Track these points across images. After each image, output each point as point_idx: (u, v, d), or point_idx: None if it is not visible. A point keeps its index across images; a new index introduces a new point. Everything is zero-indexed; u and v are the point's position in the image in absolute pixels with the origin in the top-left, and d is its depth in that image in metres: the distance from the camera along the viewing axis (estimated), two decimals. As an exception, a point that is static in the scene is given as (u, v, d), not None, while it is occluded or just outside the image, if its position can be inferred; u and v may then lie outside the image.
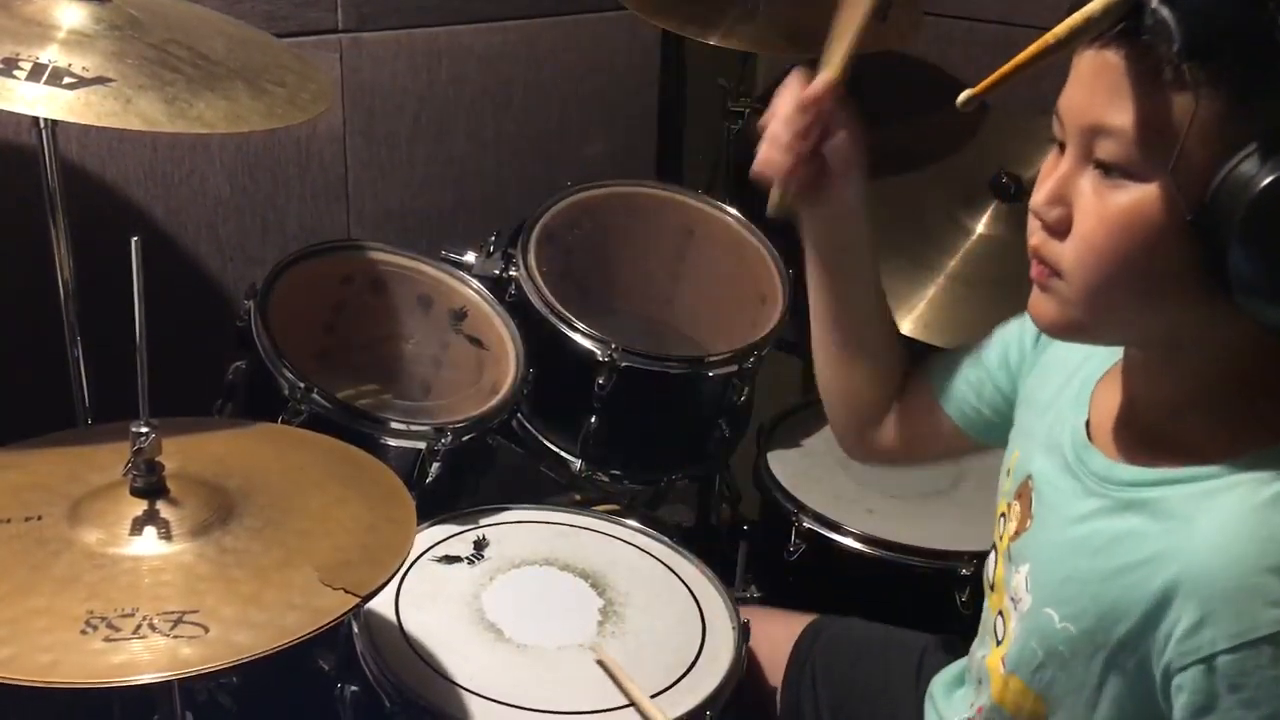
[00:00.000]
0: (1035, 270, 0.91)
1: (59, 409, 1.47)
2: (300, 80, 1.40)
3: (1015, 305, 1.68)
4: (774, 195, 1.17)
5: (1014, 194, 1.81)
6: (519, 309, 1.76)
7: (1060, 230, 0.88)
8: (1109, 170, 0.84)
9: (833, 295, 1.23)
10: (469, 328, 1.78)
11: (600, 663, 1.31)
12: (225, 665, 0.96)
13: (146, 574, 1.04)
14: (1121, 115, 0.81)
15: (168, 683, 1.14)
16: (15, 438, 1.24)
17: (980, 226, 1.87)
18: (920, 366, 1.27)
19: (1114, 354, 1.01)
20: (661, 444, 1.87)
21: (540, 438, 1.82)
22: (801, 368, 2.49)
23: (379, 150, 2.02)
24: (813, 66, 0.98)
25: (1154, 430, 0.93)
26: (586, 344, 1.71)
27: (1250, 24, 0.75)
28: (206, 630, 0.98)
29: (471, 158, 2.13)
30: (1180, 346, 0.90)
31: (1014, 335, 1.17)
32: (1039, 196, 0.89)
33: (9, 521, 1.09)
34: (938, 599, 1.58)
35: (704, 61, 2.35)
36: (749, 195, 2.08)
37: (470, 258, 1.80)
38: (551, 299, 1.74)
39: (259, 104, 1.31)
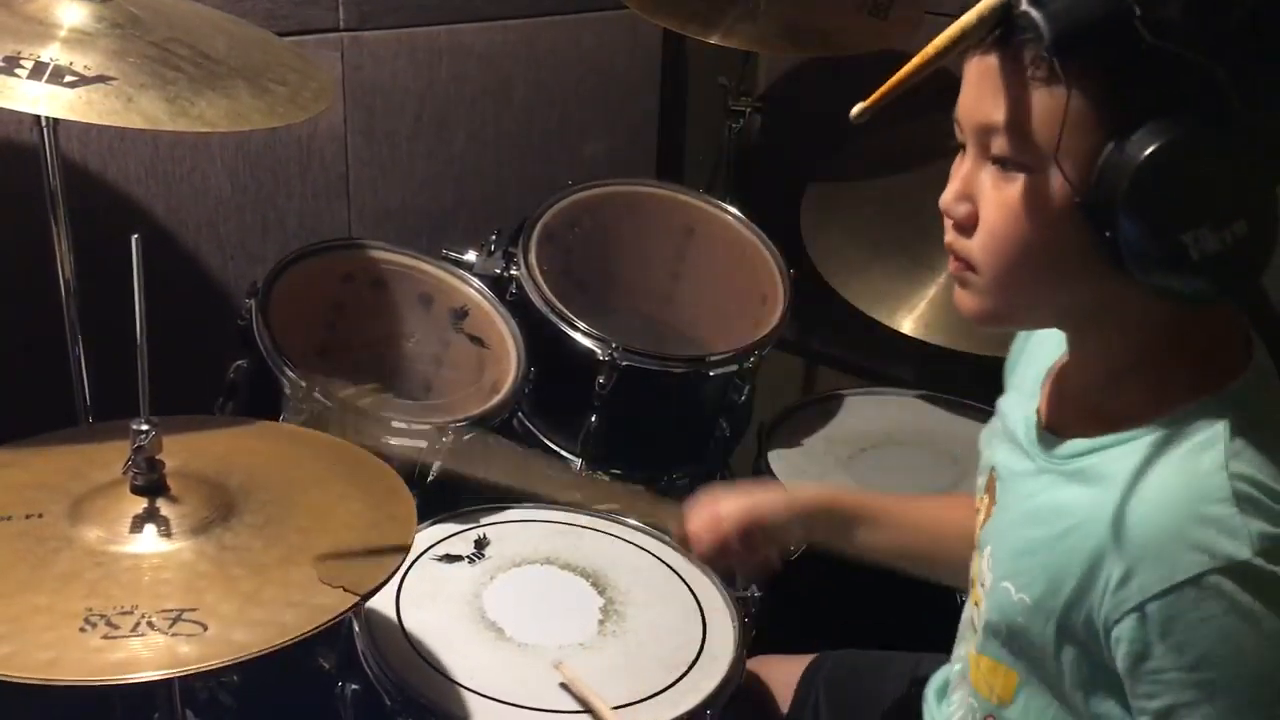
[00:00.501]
0: (952, 265, 0.97)
1: (59, 407, 1.47)
2: (301, 79, 1.40)
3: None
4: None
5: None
6: (520, 308, 1.76)
7: (968, 226, 0.93)
8: (1004, 164, 0.89)
9: (880, 557, 1.30)
10: (470, 326, 1.78)
11: (563, 685, 1.30)
12: (224, 663, 0.96)
13: (146, 571, 1.04)
14: (1006, 113, 0.87)
15: (168, 681, 1.14)
16: (16, 435, 1.24)
17: (981, 226, 1.87)
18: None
19: (1059, 350, 1.06)
20: (662, 443, 1.87)
21: (541, 437, 1.82)
22: (802, 367, 2.50)
23: (380, 149, 2.02)
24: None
25: (1090, 404, 0.98)
26: (587, 343, 1.71)
27: (1111, 17, 0.80)
28: (205, 628, 0.98)
29: (472, 156, 2.13)
30: (1098, 323, 0.95)
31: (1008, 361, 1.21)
32: (946, 195, 0.95)
33: (10, 519, 1.09)
34: (938, 598, 1.58)
35: (705, 60, 2.35)
36: (750, 194, 2.09)
37: (471, 256, 1.81)
38: (552, 298, 1.74)
39: (260, 102, 1.31)
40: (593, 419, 1.75)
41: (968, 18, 0.86)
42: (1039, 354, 1.10)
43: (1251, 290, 0.89)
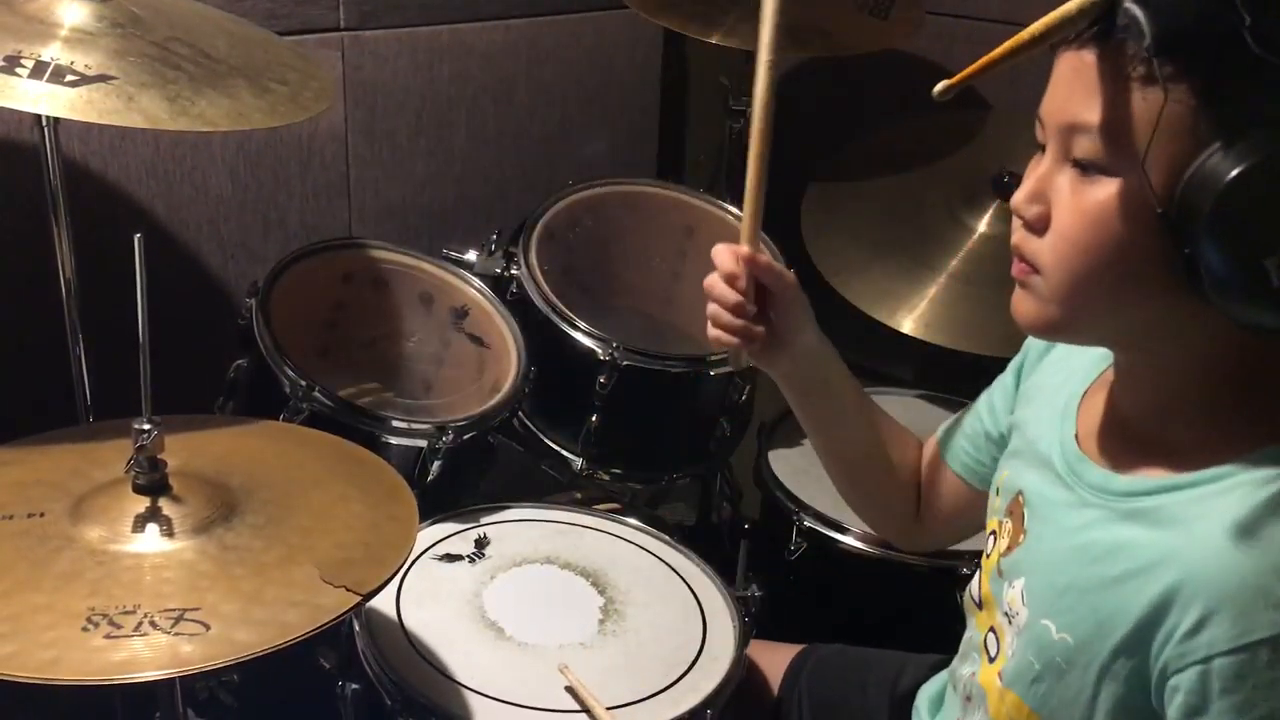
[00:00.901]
0: (1016, 268, 0.94)
1: (60, 406, 1.47)
2: (302, 78, 1.40)
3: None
4: (731, 358, 1.25)
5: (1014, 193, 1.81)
6: (520, 307, 1.76)
7: (1039, 227, 0.90)
8: (1085, 167, 0.86)
9: (819, 430, 1.28)
10: (470, 326, 1.78)
11: (569, 689, 1.29)
12: (226, 663, 0.96)
13: (148, 571, 1.04)
14: (1095, 112, 0.84)
15: (169, 680, 1.14)
16: (17, 435, 1.24)
17: (981, 225, 1.88)
18: (932, 444, 1.30)
19: (1096, 369, 1.02)
20: (662, 443, 1.87)
21: (541, 436, 1.82)
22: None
23: (380, 148, 2.02)
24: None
25: (1144, 437, 0.94)
26: (588, 343, 1.71)
27: (1218, 22, 0.77)
28: (207, 628, 0.98)
29: (473, 156, 2.13)
30: (1158, 346, 0.91)
31: (999, 382, 1.20)
32: (1019, 194, 0.91)
33: (11, 518, 1.09)
34: (937, 598, 1.58)
35: (706, 60, 2.35)
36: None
37: (471, 256, 1.81)
38: (553, 297, 1.74)
39: (261, 102, 1.31)
40: (593, 418, 1.75)
41: (1069, 7, 0.83)
42: (1072, 370, 1.06)
43: None
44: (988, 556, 1.08)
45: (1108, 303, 0.89)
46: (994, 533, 1.08)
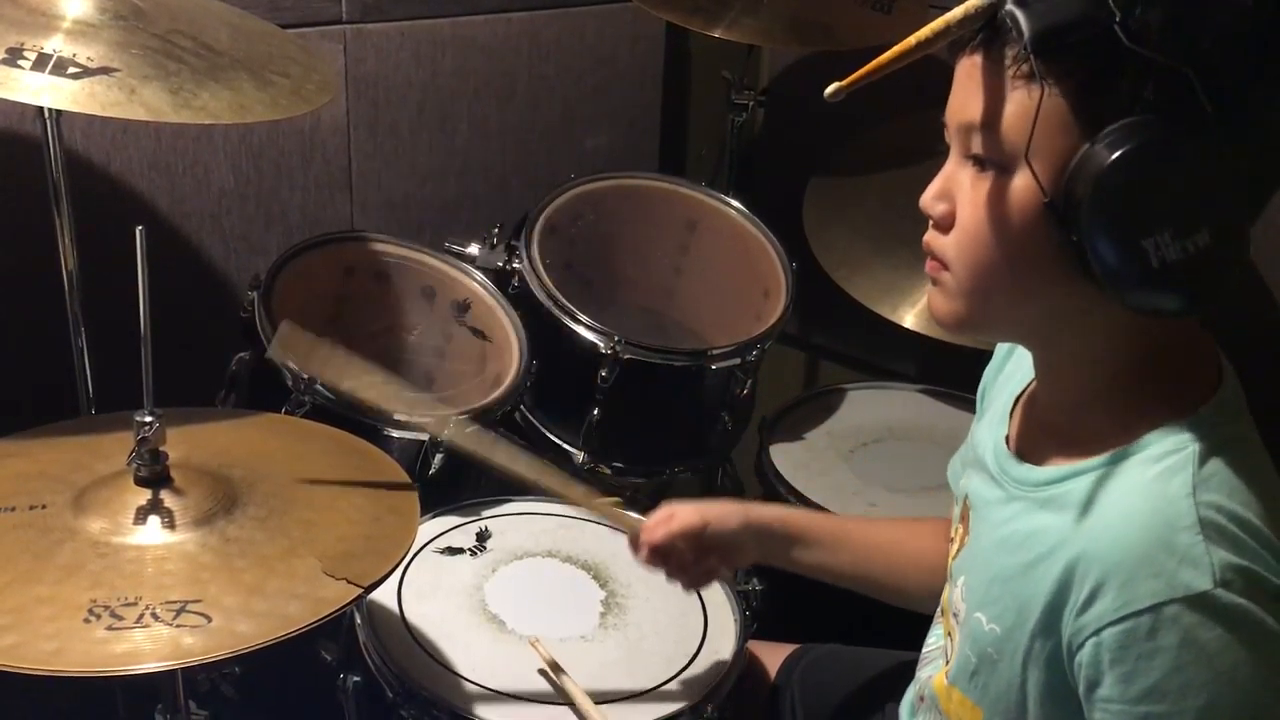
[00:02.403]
0: (928, 265, 0.97)
1: (62, 399, 1.47)
2: (304, 71, 1.40)
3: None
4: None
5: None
6: (522, 301, 1.76)
7: (945, 225, 0.93)
8: (982, 163, 0.90)
9: (820, 573, 1.31)
10: (472, 319, 1.78)
11: (543, 671, 1.31)
12: (227, 655, 0.96)
13: (150, 563, 1.05)
14: (983, 110, 0.88)
15: (171, 672, 1.15)
16: (18, 427, 1.24)
17: (984, 220, 1.87)
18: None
19: (1028, 373, 1.05)
20: (664, 437, 1.87)
21: (543, 430, 1.82)
22: (804, 361, 2.50)
23: (382, 141, 2.01)
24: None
25: (1060, 429, 0.97)
26: (589, 336, 1.71)
27: (1091, 19, 0.81)
28: (209, 620, 0.99)
29: (475, 149, 2.13)
30: (1063, 338, 0.94)
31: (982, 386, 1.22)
32: (927, 194, 0.95)
33: (13, 510, 1.10)
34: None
35: (708, 54, 2.35)
36: (752, 188, 2.09)
37: (474, 249, 1.81)
38: (554, 291, 1.74)
39: (263, 95, 1.31)
40: (595, 412, 1.75)
41: (954, 13, 0.87)
42: (1010, 381, 1.10)
43: (1221, 308, 0.87)
44: (950, 562, 1.11)
45: (1010, 295, 0.92)
46: (952, 539, 1.12)
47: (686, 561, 1.28)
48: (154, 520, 1.08)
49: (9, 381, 1.67)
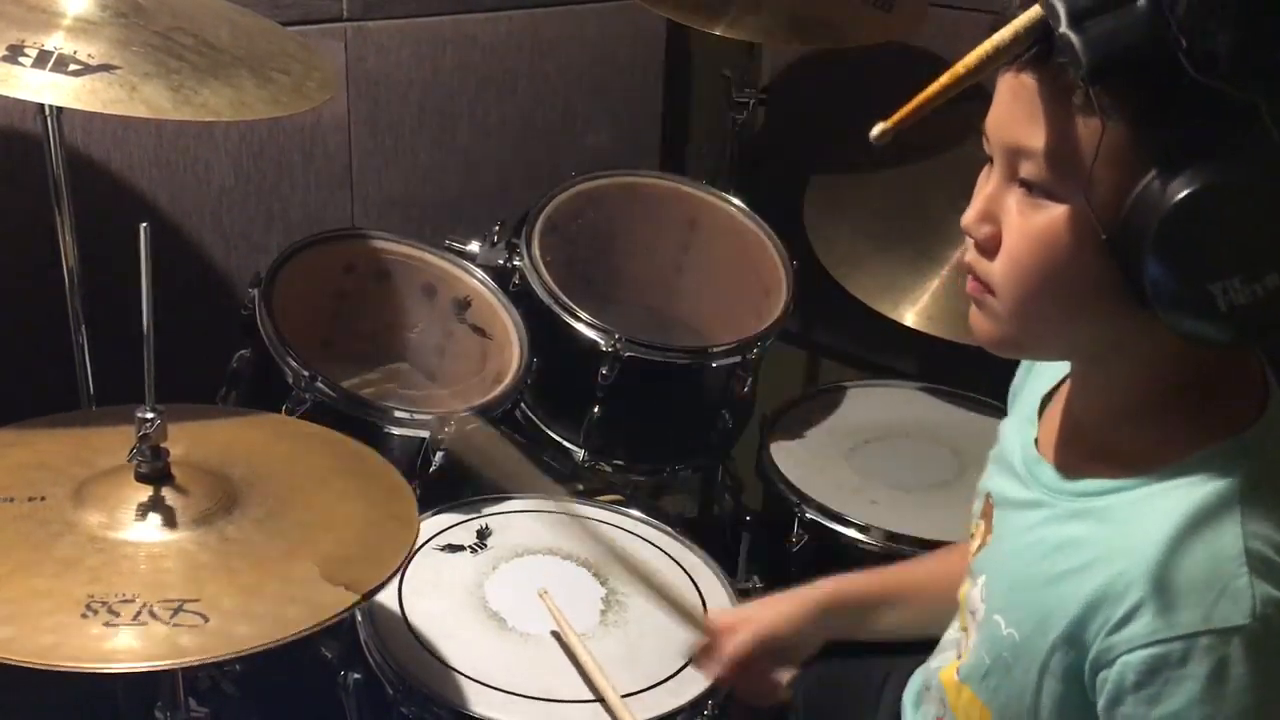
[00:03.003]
0: (970, 285, 0.93)
1: (63, 396, 1.47)
2: (305, 68, 1.40)
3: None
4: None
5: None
6: (523, 299, 1.76)
7: (990, 248, 0.90)
8: (1031, 189, 0.86)
9: (893, 636, 1.28)
10: (473, 317, 1.78)
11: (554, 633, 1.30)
12: (223, 657, 0.96)
13: (147, 560, 1.05)
14: (1037, 138, 0.83)
15: (171, 670, 1.14)
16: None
17: (984, 219, 1.87)
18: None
19: (1059, 375, 1.04)
20: (664, 434, 1.87)
21: (543, 427, 1.82)
22: (804, 359, 2.50)
23: (383, 139, 2.01)
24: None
25: (1097, 441, 0.95)
26: (590, 334, 1.71)
27: (1154, 47, 0.76)
28: (206, 620, 0.99)
29: (476, 147, 2.13)
30: (1110, 359, 0.92)
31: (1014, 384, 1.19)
32: (969, 215, 0.91)
33: (12, 500, 1.10)
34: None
35: (709, 52, 2.35)
36: (753, 186, 2.09)
37: (474, 247, 1.81)
38: (555, 289, 1.74)
39: (264, 92, 1.31)
40: (595, 410, 1.75)
41: (1003, 34, 0.82)
42: (1040, 379, 1.08)
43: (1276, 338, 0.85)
44: (969, 558, 1.10)
45: (1059, 321, 0.90)
46: (972, 535, 1.10)
47: (758, 685, 1.24)
48: (154, 517, 1.08)
49: (10, 379, 1.66)
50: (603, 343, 1.70)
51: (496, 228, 1.82)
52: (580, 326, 1.72)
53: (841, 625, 1.26)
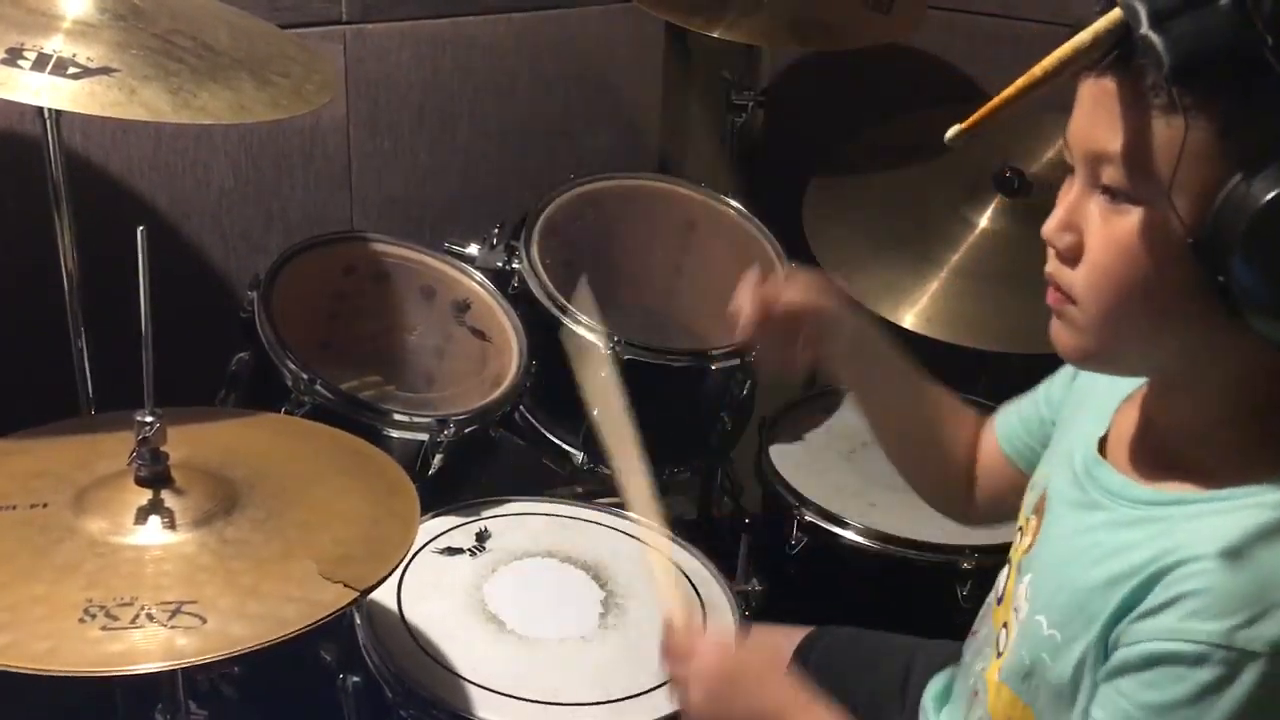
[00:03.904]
0: (1051, 296, 0.92)
1: (62, 399, 1.47)
2: (304, 71, 1.40)
3: (1017, 300, 1.69)
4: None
5: (1017, 188, 1.81)
6: (522, 301, 1.76)
7: (1072, 257, 0.88)
8: (1114, 195, 0.84)
9: (871, 404, 1.27)
10: (472, 319, 1.78)
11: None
12: (221, 656, 0.96)
13: (148, 563, 1.05)
14: (1119, 141, 0.82)
15: (171, 672, 1.15)
16: (18, 427, 1.24)
17: (983, 220, 1.87)
18: (990, 424, 1.28)
19: (1140, 378, 1.01)
20: (663, 437, 1.85)
21: (542, 430, 1.82)
22: (804, 361, 2.49)
23: (382, 141, 2.01)
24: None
25: (1172, 452, 0.94)
26: (589, 336, 1.71)
27: (1238, 46, 0.75)
28: (204, 621, 0.99)
29: (475, 149, 2.13)
30: (1195, 372, 0.90)
31: (1060, 373, 1.18)
32: (1050, 224, 0.89)
33: (14, 508, 1.10)
34: (939, 593, 1.59)
35: (708, 54, 2.35)
36: (752, 189, 2.09)
37: (473, 249, 1.81)
38: (554, 291, 1.74)
39: (263, 95, 1.31)
40: (594, 412, 1.75)
41: (1082, 38, 0.81)
42: (1098, 388, 1.06)
43: None
44: (1015, 552, 1.08)
45: (1144, 331, 0.88)
46: (1021, 529, 1.08)
47: (784, 342, 1.18)
48: (154, 520, 1.08)
49: (9, 381, 1.66)
50: (602, 345, 1.70)
51: (496, 230, 1.82)
52: (579, 329, 1.72)
53: (863, 353, 1.22)
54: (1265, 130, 0.77)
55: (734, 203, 1.99)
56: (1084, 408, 1.07)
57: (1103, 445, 1.00)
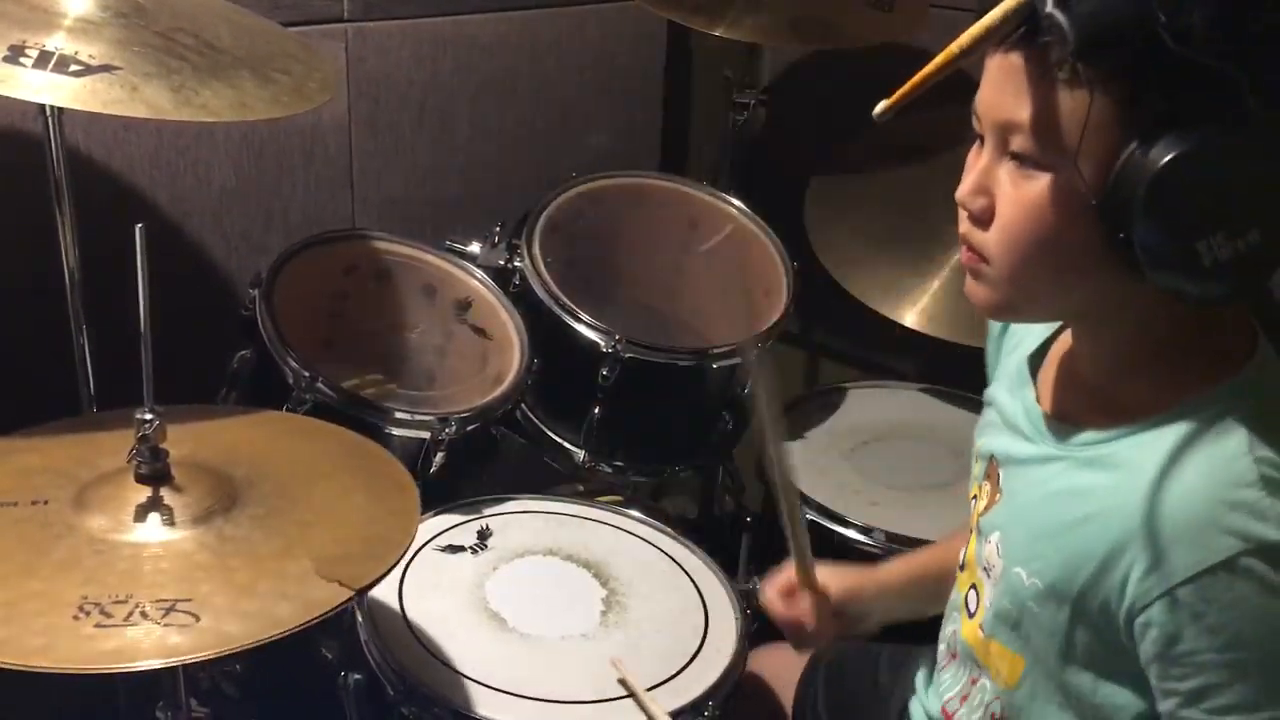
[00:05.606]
0: (965, 256, 0.99)
1: (64, 397, 1.47)
2: (305, 69, 1.40)
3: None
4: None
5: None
6: (523, 299, 1.76)
7: (984, 219, 0.95)
8: (1022, 161, 0.91)
9: (912, 614, 1.33)
10: (473, 318, 1.78)
11: (622, 681, 1.31)
12: (213, 655, 0.96)
13: (146, 561, 1.05)
14: (1027, 112, 0.88)
15: (172, 669, 1.14)
16: (20, 425, 1.24)
17: (985, 219, 1.87)
18: None
19: (1041, 336, 1.09)
20: (665, 435, 1.87)
21: (544, 428, 1.82)
22: (805, 360, 2.50)
23: (383, 140, 2.01)
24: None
25: (1100, 394, 1.00)
26: (590, 335, 1.71)
27: (1137, 23, 0.80)
28: (197, 619, 0.98)
29: (476, 148, 2.13)
30: (1102, 318, 0.98)
31: (987, 364, 1.23)
32: (963, 188, 0.96)
33: (15, 505, 1.10)
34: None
35: (709, 52, 2.35)
36: (753, 187, 2.09)
37: (475, 248, 1.81)
38: (556, 290, 1.74)
39: (264, 92, 1.31)
40: (596, 411, 1.75)
41: (992, 16, 0.87)
42: (1020, 344, 1.12)
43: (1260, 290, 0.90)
44: (974, 518, 1.13)
45: (1052, 285, 0.95)
46: (975, 496, 1.14)
47: (818, 627, 1.30)
48: (154, 517, 1.08)
49: (10, 379, 1.66)
50: (603, 344, 1.70)
51: (497, 228, 1.82)
52: (581, 327, 1.72)
53: (911, 605, 1.32)
54: (1161, 100, 0.83)
55: (735, 201, 1.99)
56: (1006, 376, 1.13)
57: (1038, 402, 1.07)
